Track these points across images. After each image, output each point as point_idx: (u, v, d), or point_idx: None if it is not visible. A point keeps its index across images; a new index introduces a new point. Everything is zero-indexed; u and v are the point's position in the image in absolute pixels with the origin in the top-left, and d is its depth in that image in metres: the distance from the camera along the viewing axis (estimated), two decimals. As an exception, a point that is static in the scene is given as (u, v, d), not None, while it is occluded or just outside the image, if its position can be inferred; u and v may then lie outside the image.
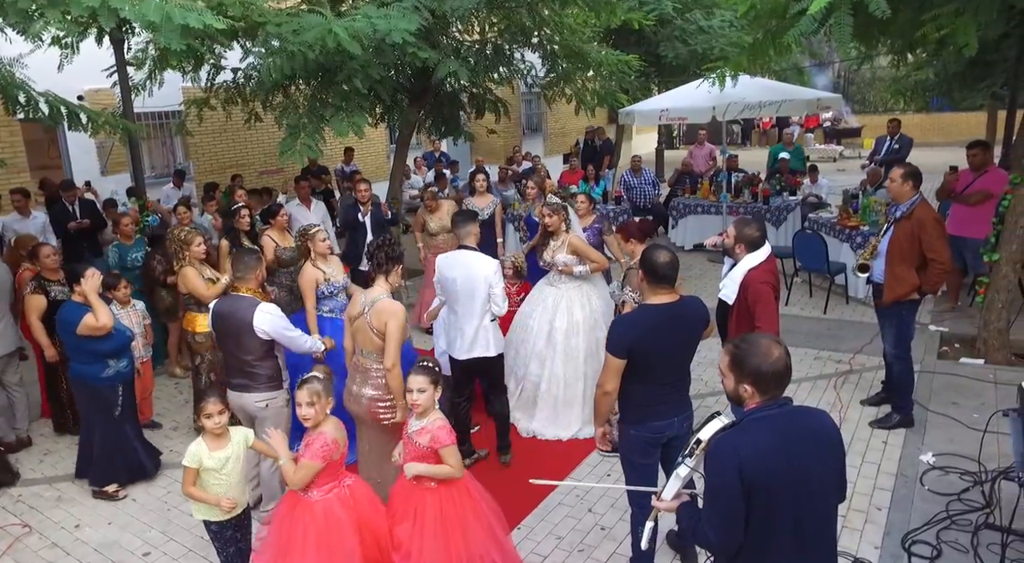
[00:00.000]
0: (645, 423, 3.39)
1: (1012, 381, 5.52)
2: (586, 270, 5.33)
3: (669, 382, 3.37)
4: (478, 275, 4.54)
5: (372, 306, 3.93)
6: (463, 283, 4.56)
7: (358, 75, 6.78)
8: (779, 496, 2.13)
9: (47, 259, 5.35)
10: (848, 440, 4.99)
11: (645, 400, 3.37)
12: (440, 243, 7.27)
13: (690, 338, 3.41)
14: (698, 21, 12.34)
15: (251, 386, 4.11)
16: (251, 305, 4.06)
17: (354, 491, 3.42)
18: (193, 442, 3.43)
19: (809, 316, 7.67)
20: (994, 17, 4.40)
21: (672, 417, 3.39)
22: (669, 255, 3.31)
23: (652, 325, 3.26)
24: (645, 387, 3.35)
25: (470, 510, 3.43)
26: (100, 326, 4.48)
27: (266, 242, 6.28)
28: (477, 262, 4.58)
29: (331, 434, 3.31)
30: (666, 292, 3.31)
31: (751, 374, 2.24)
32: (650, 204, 11.88)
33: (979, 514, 3.92)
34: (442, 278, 4.67)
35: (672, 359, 3.36)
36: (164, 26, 4.13)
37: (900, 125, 10.63)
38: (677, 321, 3.31)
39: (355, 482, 3.48)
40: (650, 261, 3.31)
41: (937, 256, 4.72)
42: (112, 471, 4.80)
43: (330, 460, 3.28)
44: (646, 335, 3.24)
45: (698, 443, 2.29)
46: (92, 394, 4.68)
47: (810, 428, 2.23)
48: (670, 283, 3.31)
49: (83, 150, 9.83)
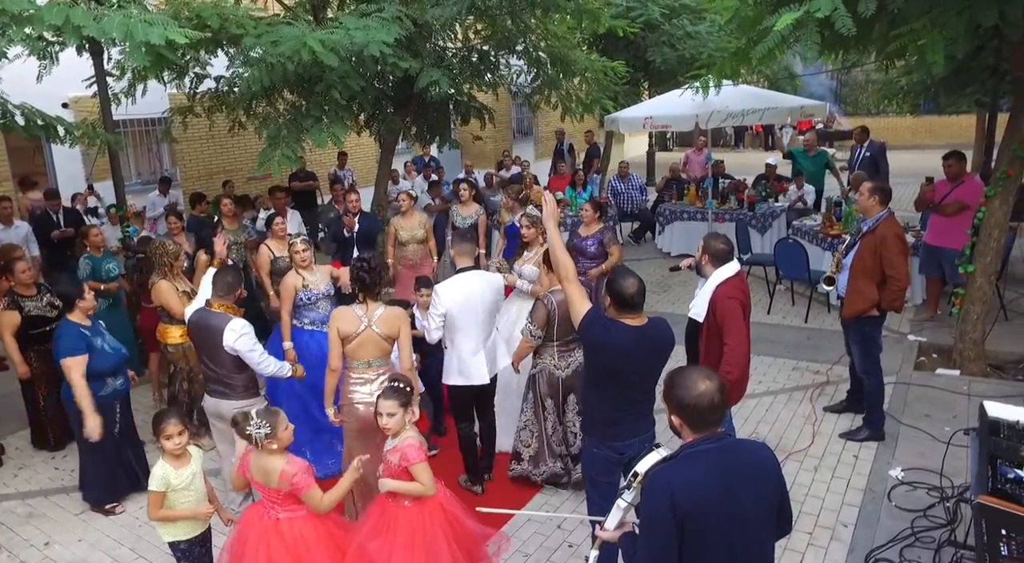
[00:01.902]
0: (605, 442, 3.42)
1: (985, 394, 5.56)
2: (528, 288, 5.18)
3: (632, 401, 3.39)
4: (489, 297, 4.50)
5: (377, 317, 3.98)
6: (466, 307, 4.40)
7: (337, 86, 6.78)
8: (712, 531, 2.14)
9: (22, 275, 5.34)
10: (820, 454, 5.03)
11: (607, 419, 3.41)
12: (410, 254, 7.29)
13: (656, 362, 3.41)
14: (685, 26, 12.33)
15: (228, 394, 4.18)
16: (222, 321, 4.10)
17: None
18: (156, 465, 3.43)
19: (791, 325, 7.68)
20: (961, 33, 4.40)
21: (631, 438, 3.40)
22: (637, 283, 3.28)
23: (621, 343, 3.24)
24: (607, 406, 3.38)
25: (442, 531, 3.43)
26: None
27: (263, 252, 6.32)
28: (481, 283, 4.50)
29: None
30: (633, 317, 3.31)
31: (677, 407, 2.26)
32: (637, 210, 11.90)
33: (942, 531, 3.94)
34: (451, 307, 4.39)
35: (640, 380, 3.37)
36: (128, 43, 4.13)
37: (868, 132, 10.52)
38: (644, 343, 3.31)
39: None
40: (618, 289, 3.26)
41: (895, 273, 4.74)
42: (114, 489, 4.79)
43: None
44: (616, 352, 3.25)
45: (635, 476, 2.30)
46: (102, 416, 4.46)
47: (746, 462, 2.24)
48: (638, 309, 3.31)
49: (68, 158, 9.81)
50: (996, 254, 5.87)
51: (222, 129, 9.68)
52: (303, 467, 3.30)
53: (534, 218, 5.56)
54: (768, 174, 11.22)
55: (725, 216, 10.31)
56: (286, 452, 3.31)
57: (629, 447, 3.38)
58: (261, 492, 3.35)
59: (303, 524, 3.33)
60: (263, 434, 3.22)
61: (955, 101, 11.22)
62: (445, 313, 4.35)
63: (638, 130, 9.80)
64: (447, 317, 4.37)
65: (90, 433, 4.32)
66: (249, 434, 3.22)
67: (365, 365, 4.04)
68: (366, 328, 3.97)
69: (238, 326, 4.08)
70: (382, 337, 4.00)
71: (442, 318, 4.36)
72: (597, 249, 6.46)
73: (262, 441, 3.22)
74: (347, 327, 3.99)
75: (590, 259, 6.45)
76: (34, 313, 5.35)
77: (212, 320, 4.16)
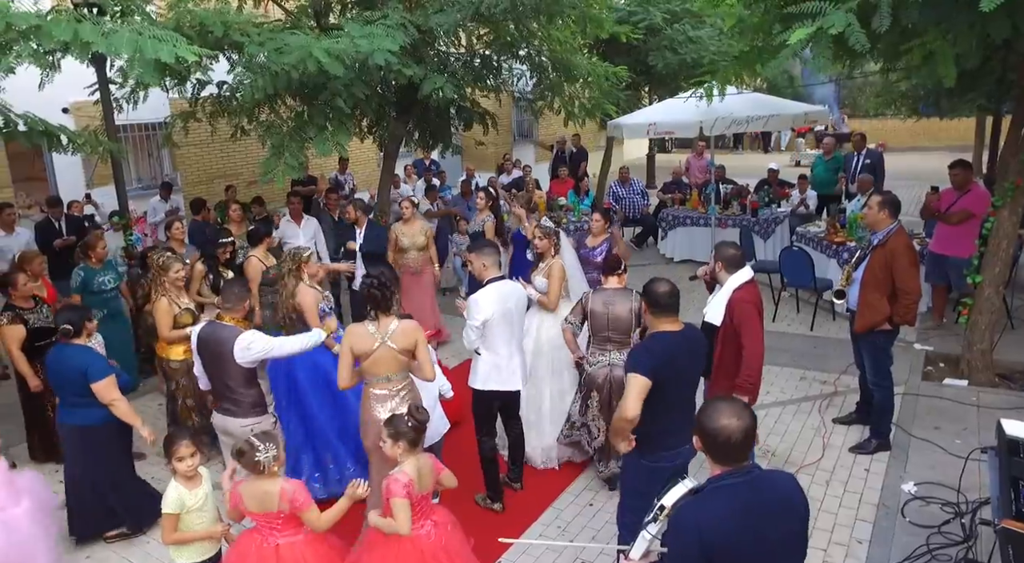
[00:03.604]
0: (656, 453, 3.43)
1: (994, 405, 5.56)
2: (536, 296, 5.22)
3: (679, 411, 3.41)
4: (522, 304, 4.61)
5: (393, 332, 3.93)
6: (504, 315, 4.46)
7: (341, 94, 6.74)
8: None
9: (24, 288, 5.29)
10: (831, 467, 5.01)
11: (659, 429, 3.39)
12: (410, 262, 7.24)
13: (698, 365, 3.55)
14: (687, 31, 12.33)
15: (236, 411, 4.13)
16: (232, 335, 4.05)
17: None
18: (169, 487, 3.40)
19: (796, 333, 7.67)
20: (972, 47, 4.39)
21: (680, 447, 3.42)
22: (669, 285, 3.49)
23: (669, 352, 3.36)
24: (659, 415, 3.37)
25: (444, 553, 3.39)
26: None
27: (253, 262, 6.26)
28: (514, 291, 4.59)
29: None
30: (671, 321, 3.47)
31: (700, 434, 2.25)
32: (639, 215, 11.88)
33: (959, 548, 3.92)
34: (491, 316, 4.43)
35: (683, 386, 3.47)
36: (137, 59, 4.08)
37: (866, 140, 10.50)
38: (686, 348, 3.44)
39: None
40: (652, 293, 3.49)
41: (906, 286, 4.72)
42: (138, 512, 4.55)
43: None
44: (666, 361, 3.32)
45: (662, 509, 2.28)
46: (98, 439, 4.33)
47: (774, 499, 2.22)
48: (673, 312, 3.46)
49: (68, 163, 9.72)
50: (1005, 264, 5.86)
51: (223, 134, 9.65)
52: (299, 485, 3.28)
53: (546, 230, 5.55)
54: (770, 179, 11.20)
55: (728, 222, 10.30)
56: (279, 473, 3.29)
57: (678, 456, 3.44)
58: (257, 519, 3.29)
59: (304, 548, 3.29)
60: (271, 457, 3.19)
61: (957, 106, 11.22)
62: (484, 322, 4.40)
63: (642, 136, 9.77)
64: (486, 325, 4.43)
65: (151, 441, 4.24)
66: (258, 461, 3.17)
67: (384, 380, 3.99)
68: (381, 345, 3.93)
69: (245, 341, 4.02)
70: (398, 352, 3.95)
71: (482, 327, 4.42)
72: (605, 258, 6.42)
73: (270, 464, 3.19)
74: (361, 345, 3.92)
75: (597, 269, 6.41)
76: (37, 325, 5.30)
77: (221, 332, 4.11)
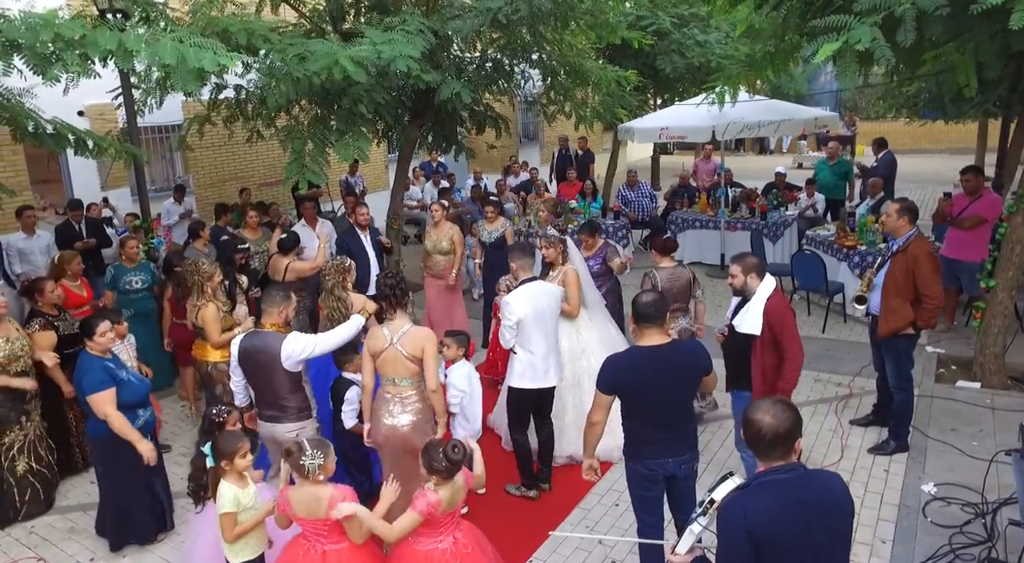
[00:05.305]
0: (639, 459, 3.54)
1: (1009, 407, 5.67)
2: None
3: (660, 424, 3.46)
4: (554, 305, 4.78)
5: (403, 335, 4.04)
6: (537, 315, 4.64)
7: (363, 99, 6.82)
8: (787, 559, 2.23)
9: (51, 295, 5.36)
10: (851, 468, 5.11)
11: (636, 437, 3.54)
12: (432, 265, 7.34)
13: (681, 382, 3.49)
14: (695, 35, 12.42)
15: (281, 417, 4.19)
16: (277, 340, 4.11)
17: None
18: (223, 488, 3.47)
19: (808, 336, 7.73)
20: (994, 58, 4.49)
21: (665, 457, 3.48)
22: (651, 295, 3.48)
23: (636, 366, 3.42)
24: (634, 424, 3.51)
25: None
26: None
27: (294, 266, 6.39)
28: (545, 292, 4.77)
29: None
30: (654, 333, 3.43)
31: (744, 432, 2.36)
32: (648, 217, 11.97)
33: (981, 548, 4.03)
34: (524, 315, 4.62)
35: (660, 401, 3.44)
36: (180, 68, 4.16)
37: (884, 144, 10.68)
38: (664, 364, 3.39)
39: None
40: (635, 301, 3.51)
41: (929, 292, 4.84)
42: (136, 532, 4.61)
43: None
44: (629, 375, 3.41)
45: (712, 503, 2.39)
46: (123, 450, 4.30)
47: (819, 495, 2.31)
48: (654, 323, 3.43)
49: (83, 165, 9.76)
50: (1018, 269, 5.97)
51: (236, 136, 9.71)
52: (349, 492, 3.33)
53: (552, 238, 5.62)
54: (778, 182, 11.32)
55: (738, 225, 10.40)
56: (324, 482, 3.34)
57: (662, 466, 3.50)
58: (304, 526, 3.35)
59: (350, 555, 3.35)
60: (316, 465, 3.25)
61: (962, 110, 11.33)
62: (518, 322, 4.58)
63: (653, 140, 9.87)
64: (520, 325, 4.61)
65: (147, 459, 4.27)
66: (303, 465, 3.24)
67: (390, 383, 4.12)
68: (390, 345, 4.04)
69: (289, 348, 4.06)
70: (407, 357, 4.04)
71: (515, 327, 4.60)
72: (600, 268, 6.45)
73: (315, 472, 3.25)
74: (375, 344, 4.13)
75: (594, 277, 6.44)
76: (67, 332, 5.35)
77: (266, 339, 4.14)
